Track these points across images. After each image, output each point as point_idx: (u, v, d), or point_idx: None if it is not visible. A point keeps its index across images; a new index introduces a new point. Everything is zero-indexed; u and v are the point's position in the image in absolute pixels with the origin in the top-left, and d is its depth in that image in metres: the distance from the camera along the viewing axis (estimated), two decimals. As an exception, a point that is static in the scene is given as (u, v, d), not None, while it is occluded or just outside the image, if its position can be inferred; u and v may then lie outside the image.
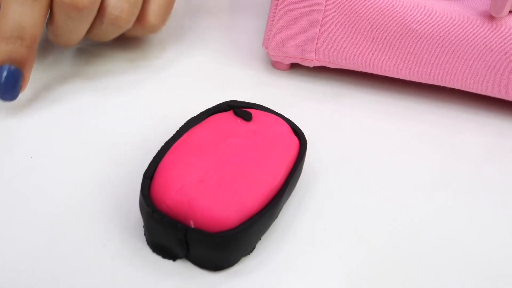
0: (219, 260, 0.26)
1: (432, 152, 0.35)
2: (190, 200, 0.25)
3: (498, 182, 0.33)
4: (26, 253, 0.26)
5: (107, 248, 0.26)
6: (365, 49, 0.36)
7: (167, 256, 0.26)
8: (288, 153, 0.28)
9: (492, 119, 0.38)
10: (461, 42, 0.35)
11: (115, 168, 0.30)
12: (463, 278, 0.28)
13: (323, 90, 0.38)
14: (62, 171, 0.30)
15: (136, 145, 0.32)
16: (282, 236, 0.28)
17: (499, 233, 0.30)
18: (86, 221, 0.27)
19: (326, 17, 0.36)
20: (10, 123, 0.32)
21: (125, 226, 0.27)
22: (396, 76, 0.37)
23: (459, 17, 0.35)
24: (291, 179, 0.28)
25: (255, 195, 0.26)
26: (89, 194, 0.29)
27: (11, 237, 0.26)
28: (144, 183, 0.26)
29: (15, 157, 0.30)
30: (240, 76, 0.38)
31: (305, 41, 0.37)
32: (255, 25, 0.43)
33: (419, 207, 0.31)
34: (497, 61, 0.35)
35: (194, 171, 0.26)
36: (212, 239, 0.25)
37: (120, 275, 0.25)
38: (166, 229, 0.25)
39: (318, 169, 0.32)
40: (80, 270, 0.25)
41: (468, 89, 0.37)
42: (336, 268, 0.27)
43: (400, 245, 0.29)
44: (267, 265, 0.27)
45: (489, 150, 0.36)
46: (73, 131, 0.32)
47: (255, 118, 0.30)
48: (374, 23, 0.35)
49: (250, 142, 0.28)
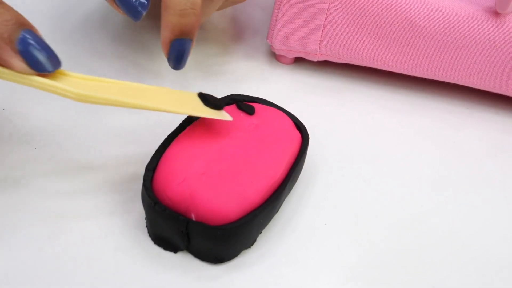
0: (219, 252, 0.26)
1: (434, 147, 0.35)
2: (192, 192, 0.25)
3: (499, 178, 0.33)
4: (29, 244, 0.26)
5: (109, 239, 0.27)
6: (369, 44, 0.36)
7: (168, 248, 0.27)
8: (289, 147, 0.28)
9: (495, 116, 0.38)
10: (465, 38, 0.35)
11: (118, 160, 0.30)
12: (463, 272, 0.28)
13: (326, 85, 0.38)
14: (66, 162, 0.30)
15: (138, 137, 0.32)
16: (283, 230, 0.28)
17: (500, 228, 0.30)
18: (88, 213, 0.28)
19: (331, 12, 0.35)
20: (13, 112, 0.32)
21: (127, 218, 0.28)
22: (400, 71, 0.37)
23: (464, 13, 0.35)
24: (293, 173, 0.28)
25: (257, 188, 0.26)
26: (92, 186, 0.29)
27: (14, 228, 0.27)
28: (146, 175, 0.26)
29: (19, 148, 0.30)
30: (244, 70, 0.38)
31: (310, 35, 0.37)
32: (260, 18, 0.43)
33: (419, 202, 0.31)
34: (501, 57, 0.35)
35: (196, 164, 0.26)
36: (213, 232, 0.25)
37: (121, 266, 0.26)
38: (168, 221, 0.25)
39: (320, 163, 0.32)
40: (82, 261, 0.26)
41: (472, 85, 0.37)
42: (336, 262, 0.27)
43: (401, 240, 0.29)
44: (267, 259, 0.27)
45: (492, 146, 0.36)
46: (76, 124, 0.32)
47: (258, 112, 0.30)
48: (378, 18, 0.35)
49: (252, 136, 0.28)
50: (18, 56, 0.25)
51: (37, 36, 0.25)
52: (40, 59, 0.25)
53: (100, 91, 0.26)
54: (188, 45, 0.30)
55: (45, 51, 0.25)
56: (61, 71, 0.26)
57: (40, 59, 0.25)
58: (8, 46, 0.24)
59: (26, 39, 0.25)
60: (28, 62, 0.25)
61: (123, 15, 0.30)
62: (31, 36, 0.25)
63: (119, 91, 0.27)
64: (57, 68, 0.26)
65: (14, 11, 0.25)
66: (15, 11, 0.25)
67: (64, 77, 0.26)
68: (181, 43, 0.30)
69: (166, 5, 0.29)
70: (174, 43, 0.30)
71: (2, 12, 0.25)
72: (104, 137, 0.32)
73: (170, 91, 0.29)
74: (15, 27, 0.25)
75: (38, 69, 0.25)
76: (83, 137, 0.32)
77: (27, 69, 0.25)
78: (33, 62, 0.25)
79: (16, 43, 0.25)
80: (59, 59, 0.26)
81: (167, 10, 0.29)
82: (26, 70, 0.25)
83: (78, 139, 0.31)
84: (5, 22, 0.25)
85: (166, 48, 0.30)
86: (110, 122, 0.33)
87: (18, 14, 0.25)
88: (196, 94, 0.29)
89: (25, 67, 0.25)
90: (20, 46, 0.25)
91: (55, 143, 0.31)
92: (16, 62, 0.25)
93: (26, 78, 0.25)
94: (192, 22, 0.30)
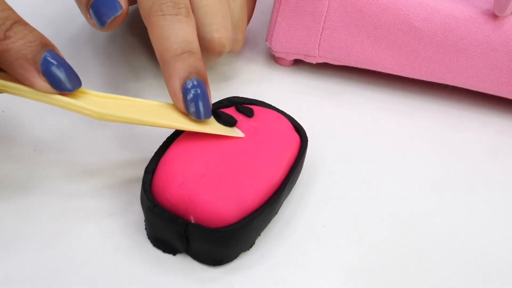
0: (218, 255, 0.26)
1: (433, 149, 0.35)
2: (191, 195, 0.25)
3: (498, 180, 0.33)
4: (29, 246, 0.26)
5: (109, 241, 0.27)
6: (368, 47, 0.36)
7: (167, 250, 0.27)
8: (288, 150, 0.29)
9: (494, 117, 0.38)
10: (464, 41, 0.35)
11: (117, 162, 0.31)
12: (462, 273, 0.28)
13: (325, 87, 0.38)
14: (65, 164, 0.30)
15: (138, 140, 0.32)
16: (282, 232, 0.28)
17: (499, 229, 0.30)
18: (88, 215, 0.28)
19: (330, 14, 0.36)
20: (13, 115, 0.32)
21: (126, 220, 0.28)
22: (399, 73, 0.37)
23: (462, 16, 0.35)
24: (291, 176, 0.28)
25: (256, 190, 0.26)
26: (92, 188, 0.29)
27: (14, 229, 0.27)
28: (145, 178, 0.26)
29: (20, 148, 0.31)
30: (243, 72, 0.38)
31: (308, 37, 0.37)
32: (259, 20, 0.43)
33: (418, 204, 0.31)
34: (499, 59, 0.35)
35: (195, 167, 0.26)
36: (212, 235, 0.25)
37: (121, 268, 0.26)
38: (167, 223, 0.25)
39: (319, 165, 0.32)
40: (81, 263, 0.26)
41: (470, 87, 0.37)
42: (336, 263, 0.27)
43: (400, 241, 0.29)
44: (266, 260, 0.27)
45: (490, 148, 0.36)
46: (76, 125, 0.32)
47: (257, 114, 0.30)
48: (377, 20, 0.35)
49: (251, 138, 0.28)
50: (41, 76, 0.25)
51: (59, 57, 0.26)
52: (61, 79, 0.26)
53: (119, 110, 0.27)
54: (201, 85, 0.28)
55: (66, 71, 0.26)
56: (81, 89, 0.27)
57: (62, 79, 0.26)
58: (32, 66, 0.25)
59: (48, 60, 0.26)
60: (50, 82, 0.26)
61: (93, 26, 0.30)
62: (53, 57, 0.26)
63: (138, 110, 0.27)
64: (77, 88, 0.26)
65: (37, 32, 0.26)
66: (38, 32, 0.26)
67: (84, 96, 0.27)
68: (192, 84, 0.27)
69: (161, 57, 0.28)
70: (185, 89, 0.27)
71: (27, 34, 0.25)
72: (104, 140, 0.32)
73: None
74: (38, 48, 0.25)
75: (59, 88, 0.26)
76: (82, 140, 0.32)
77: (50, 88, 0.26)
78: (55, 82, 0.26)
79: (40, 63, 0.25)
80: (79, 79, 0.26)
81: (164, 63, 0.28)
82: (48, 89, 0.26)
83: (78, 141, 0.32)
84: (29, 44, 0.25)
85: (180, 100, 0.28)
86: (110, 124, 0.33)
87: (41, 35, 0.26)
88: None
89: (48, 87, 0.26)
90: (43, 67, 0.25)
91: (55, 146, 0.31)
92: (39, 82, 0.25)
93: (48, 97, 0.26)
94: (194, 63, 0.28)
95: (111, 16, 0.29)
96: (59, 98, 0.26)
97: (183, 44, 0.28)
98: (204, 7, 0.31)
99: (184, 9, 0.29)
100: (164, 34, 0.28)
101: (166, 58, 0.28)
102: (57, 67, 0.26)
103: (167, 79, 0.28)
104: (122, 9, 0.29)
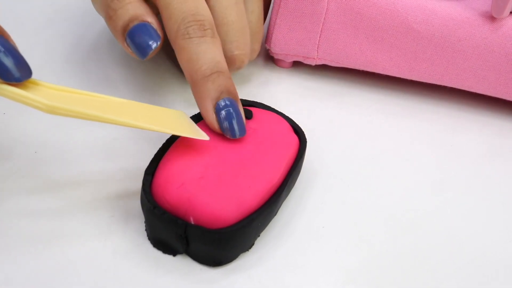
0: (218, 256, 0.26)
1: (432, 151, 0.35)
2: (190, 196, 0.25)
3: (496, 182, 0.33)
4: (28, 246, 0.26)
5: (109, 242, 0.27)
6: (367, 48, 0.36)
7: (167, 251, 0.27)
8: (287, 151, 0.29)
9: (492, 119, 0.38)
10: (462, 42, 0.35)
11: (118, 164, 0.31)
12: (461, 275, 0.28)
13: (324, 89, 0.38)
14: (65, 165, 0.30)
15: (138, 141, 0.32)
16: (281, 233, 0.29)
17: (498, 230, 0.30)
18: (88, 216, 0.28)
19: (328, 16, 0.36)
20: (15, 121, 0.32)
21: (126, 221, 0.28)
22: (397, 75, 0.38)
23: (460, 18, 0.35)
24: (291, 177, 0.28)
25: (255, 192, 0.26)
26: (92, 189, 0.29)
27: (14, 230, 0.27)
28: (145, 179, 0.27)
29: (20, 150, 0.31)
30: (242, 74, 0.39)
31: (307, 39, 0.37)
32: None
33: (417, 205, 0.31)
34: (497, 61, 0.35)
35: (195, 168, 0.26)
36: (211, 236, 0.25)
37: (121, 269, 0.26)
38: (166, 225, 0.25)
39: (318, 167, 0.32)
40: (81, 264, 0.26)
41: (468, 89, 0.37)
42: (335, 264, 0.27)
43: (399, 243, 0.29)
44: (266, 261, 0.27)
45: (489, 150, 0.36)
46: (75, 126, 0.32)
47: (256, 116, 0.30)
48: (375, 22, 0.35)
49: (250, 140, 0.28)
50: None
51: (8, 43, 0.24)
52: (8, 67, 0.24)
53: (73, 103, 0.25)
54: (233, 103, 0.28)
55: (15, 60, 0.24)
56: (33, 80, 0.25)
57: (9, 67, 0.24)
58: None
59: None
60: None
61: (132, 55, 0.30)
62: (1, 43, 0.24)
63: (94, 105, 0.25)
64: (27, 78, 0.24)
65: None
66: None
67: (35, 87, 0.25)
68: (224, 104, 0.28)
69: (191, 79, 0.29)
70: (218, 109, 0.28)
71: None
72: (104, 141, 0.32)
73: (153, 108, 0.28)
74: None
75: (6, 78, 0.24)
76: (83, 140, 0.32)
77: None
78: (1, 71, 0.23)
79: None
80: (29, 68, 0.24)
81: (194, 85, 0.28)
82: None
83: (78, 142, 0.32)
84: None
85: (214, 120, 0.28)
86: (111, 126, 0.33)
87: None
88: (182, 112, 0.29)
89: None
90: None
91: (55, 147, 0.31)
92: None
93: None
94: (224, 82, 0.28)
95: (152, 47, 0.29)
96: (6, 88, 0.23)
97: (212, 65, 0.28)
98: (226, 25, 0.32)
99: (209, 30, 0.29)
100: (192, 57, 0.28)
101: (196, 80, 0.28)
102: (4, 55, 0.23)
103: (198, 101, 0.28)
104: (160, 39, 0.29)
